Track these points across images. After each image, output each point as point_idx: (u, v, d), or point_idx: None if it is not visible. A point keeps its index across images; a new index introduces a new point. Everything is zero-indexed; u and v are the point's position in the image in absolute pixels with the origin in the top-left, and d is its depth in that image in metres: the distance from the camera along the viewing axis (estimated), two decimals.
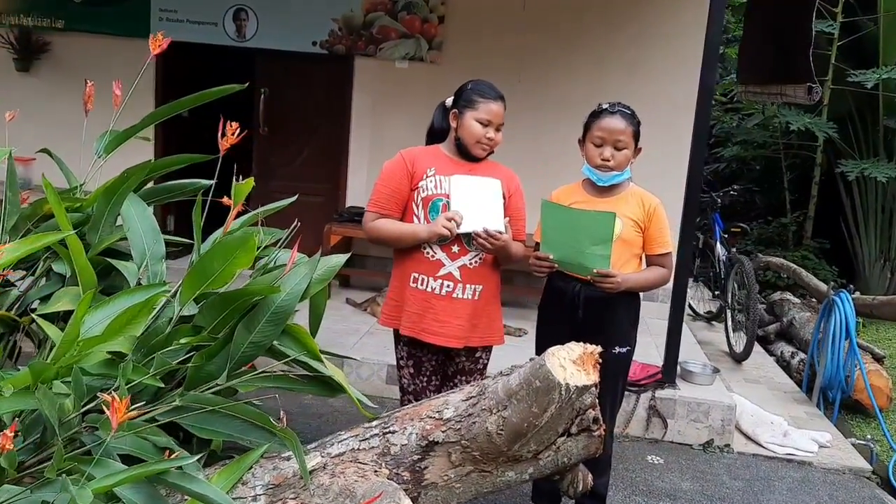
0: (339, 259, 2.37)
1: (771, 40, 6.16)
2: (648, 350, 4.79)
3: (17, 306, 2.61)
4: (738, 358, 5.46)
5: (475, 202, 2.61)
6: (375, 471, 2.05)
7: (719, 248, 6.32)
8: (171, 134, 6.14)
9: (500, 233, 2.60)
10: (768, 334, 6.34)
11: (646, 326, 5.46)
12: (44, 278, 2.70)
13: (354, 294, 5.66)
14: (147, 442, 2.01)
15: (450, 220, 2.56)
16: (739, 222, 7.11)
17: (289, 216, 2.64)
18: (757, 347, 5.79)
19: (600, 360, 2.04)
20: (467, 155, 2.70)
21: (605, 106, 2.75)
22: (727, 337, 5.77)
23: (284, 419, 2.01)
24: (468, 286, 2.66)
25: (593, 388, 2.04)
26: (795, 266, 6.80)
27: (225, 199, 2.51)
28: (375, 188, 2.75)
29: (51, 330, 2.28)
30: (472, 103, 2.66)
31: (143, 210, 2.63)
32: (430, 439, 2.10)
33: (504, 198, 2.71)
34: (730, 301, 5.82)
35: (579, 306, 2.71)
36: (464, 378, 2.73)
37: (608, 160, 2.70)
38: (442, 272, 2.65)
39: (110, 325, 2.08)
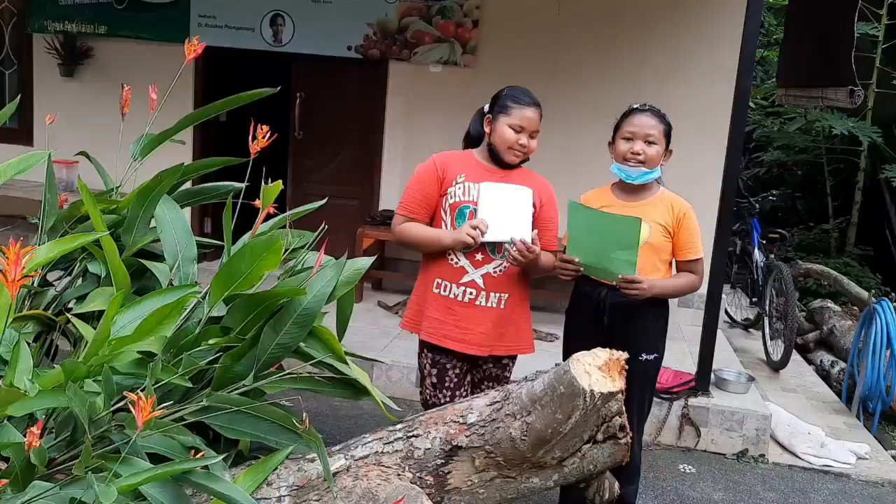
0: (365, 262, 2.38)
1: (812, 42, 6.03)
2: (683, 357, 4.73)
3: (54, 305, 2.68)
4: (776, 366, 5.35)
5: (502, 211, 2.57)
6: (398, 474, 2.06)
7: (757, 254, 6.21)
8: (209, 137, 6.23)
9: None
10: (808, 343, 6.21)
11: (680, 333, 5.41)
12: (80, 278, 2.76)
13: (386, 297, 5.68)
14: (176, 441, 2.04)
15: (474, 228, 2.53)
16: (781, 228, 6.97)
17: (322, 219, 2.65)
18: (796, 356, 5.68)
19: (627, 367, 2.02)
20: (500, 161, 2.68)
21: (634, 105, 2.73)
22: (765, 345, 5.66)
23: (307, 421, 2.01)
24: (492, 294, 2.63)
25: (619, 395, 2.02)
26: (836, 273, 6.65)
27: (257, 202, 2.54)
28: (406, 191, 2.75)
29: (85, 329, 2.32)
30: (505, 109, 2.64)
31: (176, 212, 2.67)
32: (454, 444, 2.09)
33: (535, 208, 2.68)
34: (768, 308, 5.71)
35: (605, 312, 2.68)
36: (491, 384, 2.70)
37: (638, 153, 2.66)
38: (465, 279, 2.63)
39: (141, 325, 2.11)
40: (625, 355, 2.03)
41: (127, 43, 6.20)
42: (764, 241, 6.28)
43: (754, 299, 6.29)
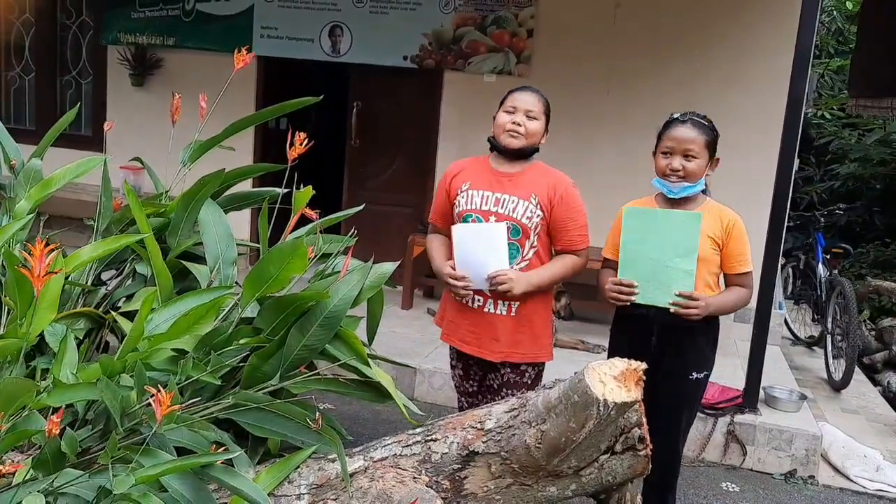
0: (390, 267, 2.43)
1: (884, 51, 5.81)
2: (734, 372, 4.60)
3: (105, 304, 2.81)
4: (837, 386, 5.15)
5: (477, 251, 2.58)
6: (414, 477, 2.08)
7: (821, 269, 6.00)
8: (268, 144, 6.42)
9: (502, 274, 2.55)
10: (875, 363, 5.96)
11: (735, 349, 5.27)
12: (130, 278, 2.89)
13: (436, 305, 5.68)
14: (203, 437, 2.11)
15: (455, 279, 2.60)
16: (858, 243, 6.69)
17: (377, 225, 2.72)
18: (861, 376, 5.46)
19: (644, 378, 1.99)
20: (503, 151, 2.67)
21: (675, 115, 2.65)
22: (826, 363, 5.45)
23: (320, 419, 2.06)
24: (500, 302, 2.63)
25: (637, 406, 1.99)
26: None
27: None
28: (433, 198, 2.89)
29: (127, 326, 2.43)
30: (502, 102, 2.70)
31: (219, 216, 2.76)
32: (471, 449, 2.10)
33: (544, 212, 2.61)
34: (830, 325, 5.50)
35: (653, 332, 2.57)
36: (509, 391, 2.69)
37: (677, 170, 2.59)
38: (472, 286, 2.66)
39: (176, 323, 2.20)
40: (643, 366, 2.00)
41: (194, 54, 6.43)
42: (828, 256, 6.06)
43: (817, 316, 6.08)
